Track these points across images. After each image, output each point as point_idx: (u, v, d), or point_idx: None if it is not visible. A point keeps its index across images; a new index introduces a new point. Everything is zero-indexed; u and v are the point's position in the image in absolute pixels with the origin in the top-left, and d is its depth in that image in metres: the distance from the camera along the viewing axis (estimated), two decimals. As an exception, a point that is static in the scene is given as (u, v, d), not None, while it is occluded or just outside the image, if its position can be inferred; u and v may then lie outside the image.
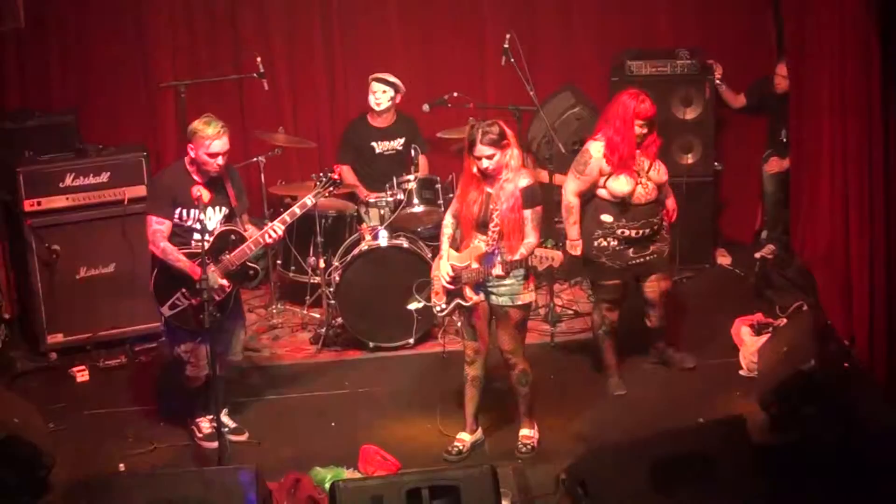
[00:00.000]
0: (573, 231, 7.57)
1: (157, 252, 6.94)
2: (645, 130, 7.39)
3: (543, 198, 6.90)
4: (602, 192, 7.49)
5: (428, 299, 7.17)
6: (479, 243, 6.76)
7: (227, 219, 7.11)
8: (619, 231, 7.50)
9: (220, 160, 6.95)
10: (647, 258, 7.63)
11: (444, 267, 6.88)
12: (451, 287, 6.86)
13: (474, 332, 6.98)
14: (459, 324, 7.13)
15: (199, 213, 6.79)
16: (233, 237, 7.02)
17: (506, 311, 6.86)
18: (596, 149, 7.43)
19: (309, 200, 7.11)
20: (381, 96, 9.17)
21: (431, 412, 7.50)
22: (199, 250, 6.76)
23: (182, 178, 6.98)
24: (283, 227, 7.04)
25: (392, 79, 9.19)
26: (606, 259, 7.55)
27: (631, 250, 7.55)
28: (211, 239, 6.93)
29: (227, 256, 6.97)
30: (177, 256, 6.89)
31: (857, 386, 7.12)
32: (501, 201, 6.69)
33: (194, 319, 6.95)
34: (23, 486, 6.40)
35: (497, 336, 6.98)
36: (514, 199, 6.69)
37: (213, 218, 7.04)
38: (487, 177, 6.75)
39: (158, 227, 6.94)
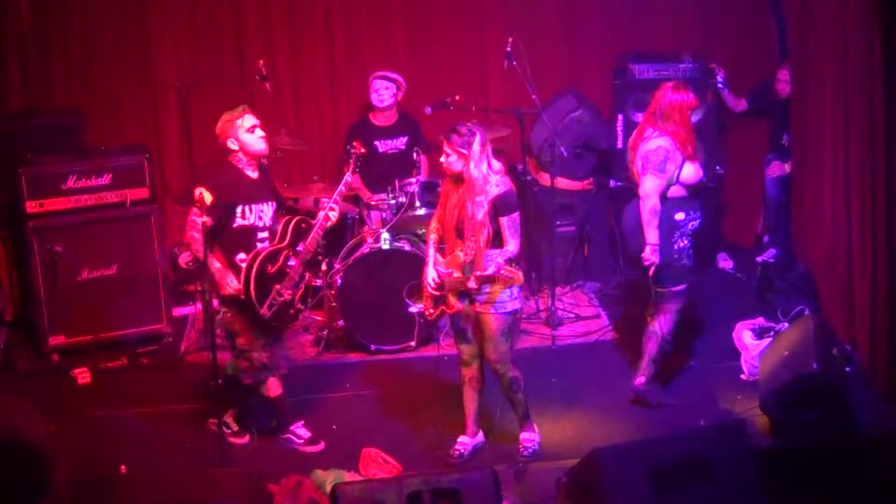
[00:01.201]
0: (653, 235, 7.28)
1: (186, 238, 6.92)
2: (694, 118, 7.43)
3: (519, 203, 6.86)
4: (672, 190, 7.34)
5: (416, 303, 7.18)
6: (459, 252, 6.80)
7: (277, 212, 7.13)
8: (689, 226, 7.42)
9: (261, 132, 6.98)
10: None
11: (429, 273, 6.91)
12: (436, 293, 6.90)
13: (465, 335, 6.99)
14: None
15: (199, 217, 6.72)
16: (304, 226, 7.05)
17: (486, 318, 6.83)
18: (667, 142, 7.27)
19: (348, 177, 7.16)
20: (383, 92, 9.21)
21: (433, 415, 7.50)
22: (273, 248, 6.91)
23: (236, 176, 6.97)
24: (339, 205, 7.12)
25: (393, 75, 9.23)
26: (686, 259, 7.41)
27: (690, 245, 7.47)
28: (285, 234, 6.98)
29: (303, 246, 6.99)
30: (200, 248, 6.77)
31: (858, 390, 7.13)
32: (469, 212, 6.72)
33: (286, 315, 7.03)
34: (24, 488, 6.39)
35: (484, 345, 6.96)
36: (474, 214, 6.69)
37: (266, 213, 7.04)
38: (459, 180, 6.78)
39: (195, 217, 6.81)
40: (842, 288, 8.01)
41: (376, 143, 9.32)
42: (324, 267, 8.66)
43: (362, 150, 7.24)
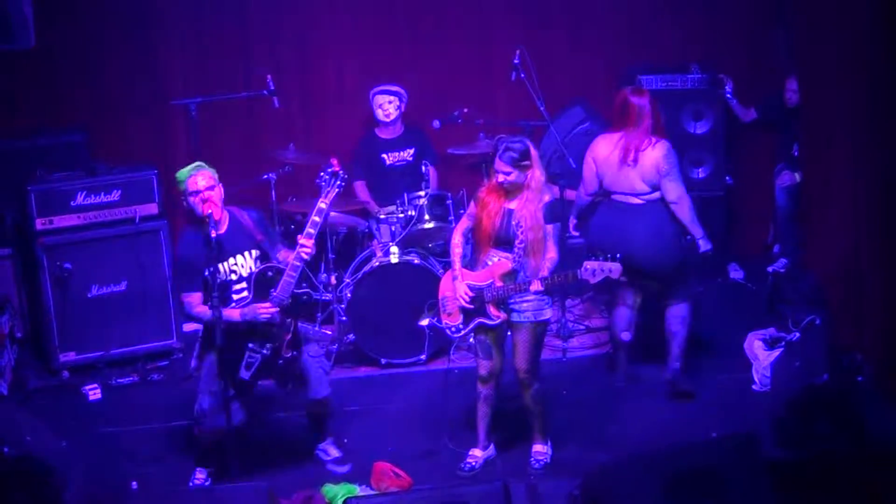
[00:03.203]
0: (699, 228, 7.80)
1: (201, 320, 6.84)
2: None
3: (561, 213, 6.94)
4: None
5: (439, 320, 7.14)
6: (503, 260, 6.78)
7: (263, 259, 6.94)
8: None
9: (204, 195, 6.76)
10: None
11: (461, 287, 6.87)
12: (470, 307, 6.86)
13: (492, 350, 6.97)
14: (472, 341, 7.11)
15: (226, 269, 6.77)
16: (270, 273, 6.81)
17: (528, 328, 6.86)
18: (670, 145, 7.65)
19: (323, 204, 6.84)
20: (387, 106, 9.20)
21: (443, 429, 7.48)
22: (243, 304, 6.76)
23: (197, 240, 6.83)
24: (311, 241, 6.77)
25: (394, 87, 9.23)
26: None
27: None
28: (250, 287, 6.80)
29: (275, 293, 6.76)
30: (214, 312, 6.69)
31: (870, 400, 7.10)
32: (526, 220, 6.71)
33: (275, 368, 6.86)
34: (35, 506, 6.40)
35: (514, 354, 6.96)
36: (537, 219, 6.72)
37: (246, 263, 6.90)
38: (509, 191, 6.76)
39: (189, 300, 6.81)
40: (853, 297, 7.98)
41: (383, 155, 9.32)
42: (333, 281, 8.68)
43: (337, 169, 6.97)
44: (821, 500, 6.18)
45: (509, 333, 7.04)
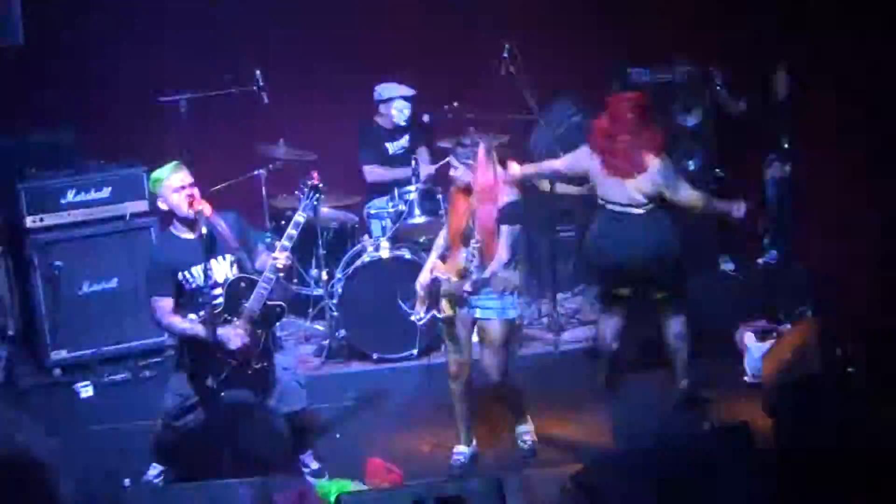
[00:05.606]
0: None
1: (165, 328, 6.77)
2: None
3: (521, 217, 6.87)
4: None
5: (412, 308, 7.16)
6: (461, 258, 6.76)
7: (239, 263, 6.75)
8: None
9: (189, 191, 6.62)
10: None
11: (422, 276, 6.91)
12: (421, 293, 6.89)
13: (456, 345, 6.97)
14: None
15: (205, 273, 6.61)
16: (243, 284, 6.65)
17: (490, 326, 6.82)
18: None
19: (301, 217, 6.64)
20: (406, 111, 9.26)
21: (436, 424, 7.49)
22: (216, 311, 6.60)
23: (171, 244, 6.75)
24: (286, 253, 6.60)
25: (412, 92, 9.23)
26: None
27: None
28: (223, 296, 6.65)
29: (247, 304, 6.62)
30: (183, 325, 6.61)
31: (860, 392, 7.11)
32: (479, 220, 6.66)
33: (244, 377, 6.72)
34: (27, 504, 6.39)
35: (480, 355, 6.95)
36: (490, 220, 6.66)
37: (221, 268, 6.75)
38: (468, 190, 6.77)
39: (160, 305, 6.63)
40: (843, 288, 8.01)
41: (386, 145, 9.35)
42: (325, 276, 8.67)
43: (317, 182, 6.74)
44: (812, 491, 6.20)
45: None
